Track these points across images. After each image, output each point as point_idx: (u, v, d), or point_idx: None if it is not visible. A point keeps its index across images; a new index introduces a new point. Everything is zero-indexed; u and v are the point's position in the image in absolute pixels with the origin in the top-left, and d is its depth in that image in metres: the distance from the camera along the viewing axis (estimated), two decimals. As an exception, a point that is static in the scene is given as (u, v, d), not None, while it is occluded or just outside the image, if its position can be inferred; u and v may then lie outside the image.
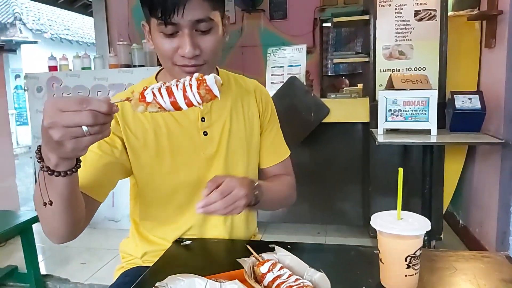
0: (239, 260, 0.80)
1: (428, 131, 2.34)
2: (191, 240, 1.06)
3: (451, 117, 2.44)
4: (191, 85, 0.68)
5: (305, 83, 2.88)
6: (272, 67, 3.03)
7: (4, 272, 2.41)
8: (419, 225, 0.76)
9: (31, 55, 10.23)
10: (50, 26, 11.56)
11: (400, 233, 0.74)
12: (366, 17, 2.88)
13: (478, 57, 2.73)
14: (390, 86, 2.51)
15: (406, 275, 0.76)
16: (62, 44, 11.39)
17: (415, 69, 2.68)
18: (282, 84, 2.87)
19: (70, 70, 3.36)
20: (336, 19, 3.09)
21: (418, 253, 0.75)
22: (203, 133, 1.03)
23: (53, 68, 3.34)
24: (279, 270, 0.76)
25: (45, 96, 3.31)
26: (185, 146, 1.02)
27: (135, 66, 3.25)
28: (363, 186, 2.98)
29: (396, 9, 2.67)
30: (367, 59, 2.86)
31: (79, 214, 0.82)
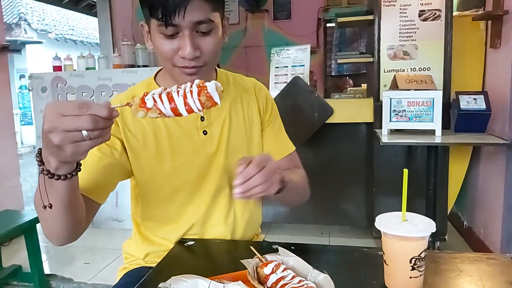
0: (242, 261, 0.79)
1: (432, 132, 2.33)
2: (194, 240, 1.06)
3: (455, 118, 2.43)
4: (191, 92, 0.67)
5: (309, 83, 2.87)
6: (275, 67, 3.03)
7: (8, 271, 2.42)
8: (424, 226, 0.75)
9: (35, 55, 10.29)
10: (54, 26, 11.61)
11: (405, 234, 0.73)
12: (370, 17, 2.87)
13: (483, 57, 2.72)
14: (394, 86, 2.50)
15: (410, 277, 0.76)
16: (66, 44, 11.44)
17: (420, 69, 2.67)
18: (285, 84, 2.86)
19: (74, 70, 3.37)
20: (340, 19, 3.09)
21: (423, 255, 0.75)
22: (203, 132, 1.03)
23: (57, 68, 3.35)
24: (283, 271, 0.76)
25: (50, 96, 3.32)
26: (185, 145, 1.02)
27: (139, 66, 3.25)
28: (367, 186, 2.96)
29: (400, 9, 2.66)
30: (371, 59, 2.85)
31: (80, 216, 0.83)
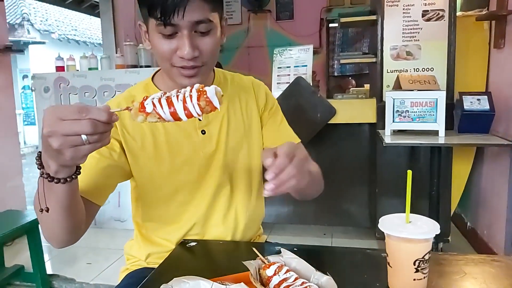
0: (244, 262, 0.79)
1: (436, 132, 2.32)
2: (196, 241, 1.05)
3: (459, 118, 2.42)
4: (191, 96, 0.67)
5: (311, 84, 2.86)
6: (278, 68, 3.03)
7: (10, 271, 2.42)
8: (428, 228, 0.74)
9: (38, 55, 10.31)
10: (57, 26, 11.65)
11: (409, 236, 0.73)
12: (373, 17, 2.86)
13: (486, 58, 2.71)
14: (397, 86, 2.49)
15: (414, 279, 0.75)
16: (69, 44, 11.48)
17: (423, 69, 2.66)
18: (288, 84, 2.85)
19: (77, 70, 3.37)
20: (343, 19, 3.08)
21: (427, 257, 0.74)
22: (201, 131, 1.02)
23: (60, 68, 3.36)
24: (285, 273, 0.75)
25: (52, 96, 3.32)
26: (184, 145, 1.01)
27: (141, 66, 3.25)
28: (370, 187, 2.96)
29: (403, 9, 2.65)
30: (374, 60, 2.84)
31: (79, 219, 0.82)
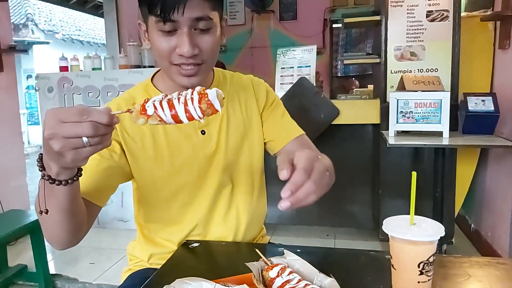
0: (247, 264, 0.78)
1: (440, 133, 2.30)
2: (199, 242, 1.05)
3: (463, 119, 2.40)
4: (192, 99, 0.67)
5: (315, 84, 2.85)
6: (281, 68, 3.02)
7: (13, 271, 2.43)
8: (433, 230, 0.74)
9: (43, 55, 10.36)
10: (61, 27, 11.70)
11: (413, 238, 0.72)
12: (377, 18, 2.85)
13: (491, 58, 2.69)
14: (401, 87, 2.48)
15: (419, 282, 0.74)
16: (73, 44, 11.52)
17: (427, 70, 2.65)
18: (291, 85, 2.85)
19: (80, 70, 3.38)
20: (347, 20, 3.07)
21: (431, 259, 0.73)
22: (201, 132, 1.02)
23: (64, 68, 3.36)
24: (289, 275, 0.75)
25: (56, 96, 3.33)
26: (184, 146, 1.01)
27: (145, 66, 3.26)
28: (373, 188, 2.95)
29: (408, 9, 2.63)
30: (378, 60, 2.83)
31: (81, 220, 0.82)
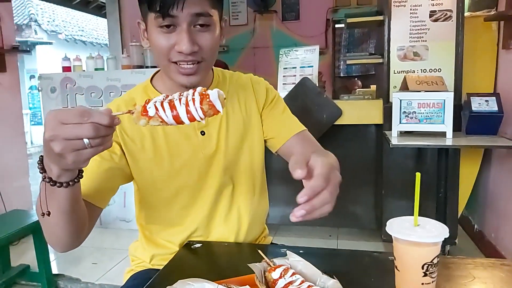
0: (250, 265, 0.78)
1: (443, 134, 2.29)
2: (201, 243, 1.04)
3: (467, 120, 2.39)
4: (194, 100, 0.66)
5: (317, 84, 2.85)
6: (284, 68, 3.01)
7: (16, 271, 2.44)
8: (437, 231, 0.73)
9: (45, 55, 10.39)
10: (64, 27, 11.73)
11: (417, 240, 0.71)
12: (380, 18, 2.84)
13: (495, 59, 2.68)
14: (404, 87, 2.47)
15: (422, 283, 0.73)
16: (76, 45, 11.55)
17: (430, 70, 2.63)
18: (294, 85, 2.84)
19: (83, 70, 3.38)
20: (349, 20, 3.06)
21: (435, 261, 0.73)
22: (201, 132, 1.01)
23: (66, 68, 3.37)
24: (291, 276, 0.74)
25: (59, 96, 3.34)
26: (184, 147, 1.00)
27: (147, 67, 3.26)
28: (376, 189, 2.94)
29: (411, 9, 2.62)
30: (380, 60, 2.82)
31: (82, 222, 0.82)
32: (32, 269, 2.48)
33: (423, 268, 0.72)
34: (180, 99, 0.67)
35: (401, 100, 2.33)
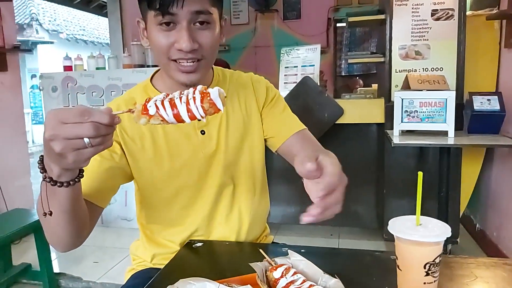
0: (251, 264, 0.78)
1: (445, 133, 2.29)
2: (202, 242, 1.04)
3: (469, 119, 2.39)
4: (194, 98, 0.66)
5: (318, 84, 2.84)
6: (285, 67, 3.01)
7: (18, 269, 2.44)
8: (439, 231, 0.73)
9: (47, 55, 10.40)
10: (66, 26, 11.74)
11: (419, 239, 0.71)
12: (381, 17, 2.83)
13: (497, 57, 2.67)
14: (406, 86, 2.47)
15: (425, 283, 0.73)
16: (77, 44, 11.56)
17: (432, 69, 2.63)
18: (295, 84, 2.84)
19: (84, 70, 3.38)
20: (351, 19, 3.05)
21: (437, 260, 0.72)
22: (201, 132, 1.01)
23: (68, 68, 3.37)
24: (293, 275, 0.74)
25: (60, 95, 3.34)
26: (183, 146, 1.00)
27: (148, 66, 3.26)
28: (377, 188, 2.93)
29: (412, 8, 2.61)
30: (382, 59, 2.82)
31: (83, 222, 0.82)
32: (33, 268, 2.48)
33: (425, 267, 0.72)
34: (180, 98, 0.66)
35: (403, 99, 2.33)
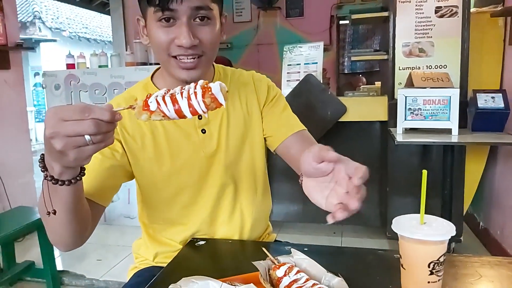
0: (254, 262, 0.77)
1: (449, 131, 2.28)
2: (205, 240, 1.04)
3: (473, 117, 2.37)
4: (196, 93, 0.65)
5: (321, 81, 2.83)
6: (288, 65, 3.00)
7: (21, 267, 2.45)
8: (444, 230, 0.72)
9: (50, 53, 10.42)
10: (68, 24, 11.75)
11: (424, 238, 0.70)
12: (385, 14, 2.82)
13: (501, 55, 2.66)
14: (409, 84, 2.45)
15: (429, 282, 0.72)
16: (80, 42, 11.57)
17: (436, 67, 2.61)
18: (298, 82, 2.83)
19: (87, 68, 3.39)
20: (354, 16, 3.04)
21: (442, 259, 0.72)
22: (201, 131, 1.00)
23: (70, 66, 3.37)
24: (296, 274, 0.74)
25: (63, 93, 3.34)
26: (184, 146, 0.99)
27: (151, 64, 3.26)
28: (381, 186, 2.92)
29: (416, 5, 2.60)
30: (385, 57, 2.80)
31: (85, 221, 0.81)
32: (37, 265, 2.48)
33: (429, 266, 0.71)
34: (182, 93, 0.66)
35: (406, 96, 2.32)
